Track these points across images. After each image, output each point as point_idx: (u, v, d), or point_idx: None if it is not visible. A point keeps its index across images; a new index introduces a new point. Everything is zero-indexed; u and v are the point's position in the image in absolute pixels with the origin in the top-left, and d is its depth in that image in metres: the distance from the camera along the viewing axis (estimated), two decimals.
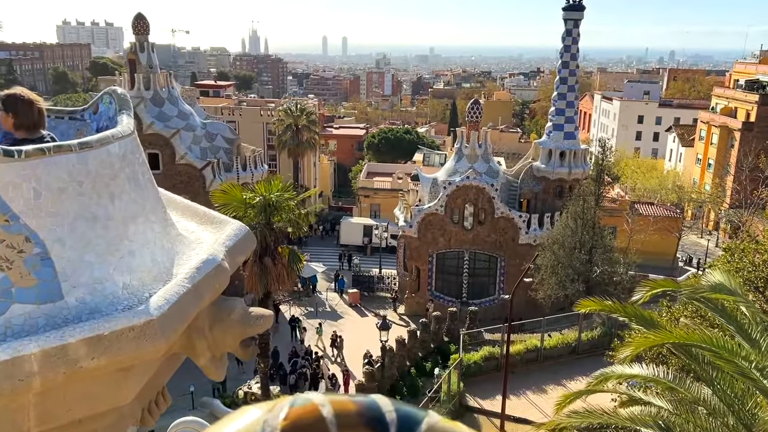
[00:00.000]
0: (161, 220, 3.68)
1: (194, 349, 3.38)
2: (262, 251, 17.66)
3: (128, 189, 3.35)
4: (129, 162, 3.45)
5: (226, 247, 3.73)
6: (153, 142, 36.97)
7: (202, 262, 3.39)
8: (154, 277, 3.30)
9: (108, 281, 3.00)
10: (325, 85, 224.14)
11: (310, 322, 36.35)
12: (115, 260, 3.10)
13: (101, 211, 3.10)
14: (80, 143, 3.02)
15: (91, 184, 3.04)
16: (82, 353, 2.56)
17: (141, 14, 38.72)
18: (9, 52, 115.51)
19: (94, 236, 3.01)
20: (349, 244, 50.45)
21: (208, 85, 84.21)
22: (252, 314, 3.48)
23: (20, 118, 3.60)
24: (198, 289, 3.22)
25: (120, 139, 3.39)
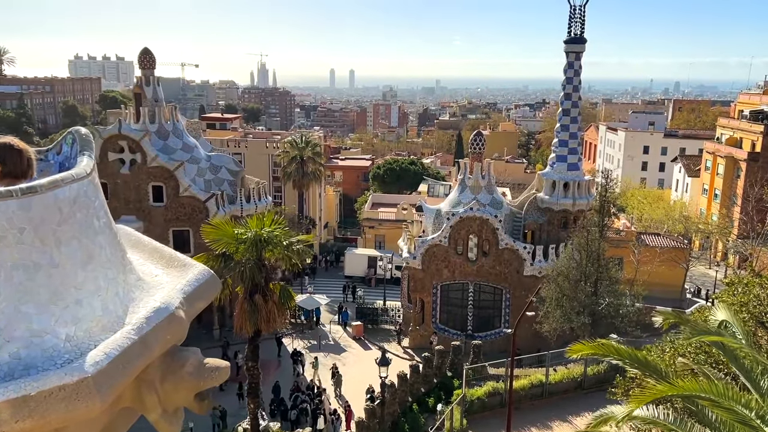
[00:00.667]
0: (117, 266, 3.53)
1: (144, 403, 3.19)
2: (253, 288, 17.38)
3: (79, 234, 3.21)
4: (82, 206, 3.31)
5: (184, 294, 3.57)
6: (157, 175, 37.21)
7: (152, 311, 3.22)
8: (103, 327, 3.14)
9: (48, 334, 2.84)
10: (333, 117, 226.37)
11: (313, 356, 35.89)
12: (58, 310, 2.94)
13: (45, 259, 2.95)
14: (23, 189, 2.89)
15: (33, 230, 2.90)
16: (5, 416, 2.38)
17: (147, 49, 39.31)
18: (21, 87, 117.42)
19: (35, 285, 2.86)
20: (354, 276, 50.15)
21: (214, 117, 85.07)
22: (207, 366, 3.30)
23: (8, 167, 3.51)
24: (146, 341, 3.05)
25: (72, 182, 3.25)
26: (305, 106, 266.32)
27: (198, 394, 3.35)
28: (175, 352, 3.32)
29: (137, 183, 37.13)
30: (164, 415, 3.25)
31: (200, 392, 3.36)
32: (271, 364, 33.85)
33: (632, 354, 7.31)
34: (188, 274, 3.87)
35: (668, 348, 12.21)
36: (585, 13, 36.99)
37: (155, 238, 14.99)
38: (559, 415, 22.14)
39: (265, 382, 31.83)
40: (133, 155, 37.02)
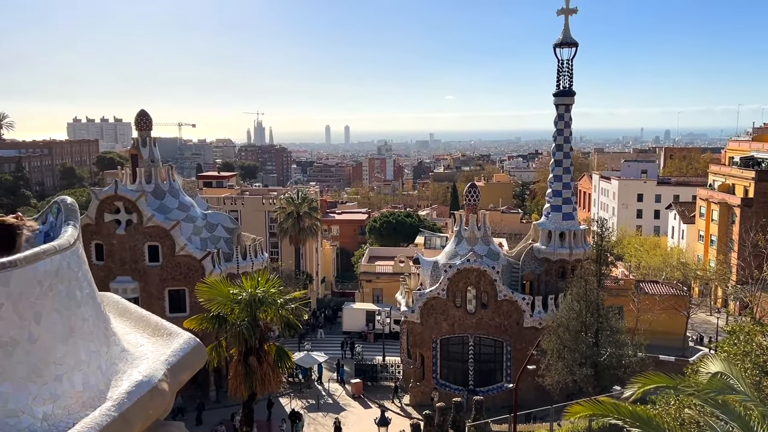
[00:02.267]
0: (100, 338, 3.45)
1: None
2: (247, 350, 17.05)
3: (60, 307, 3.15)
4: (64, 278, 3.26)
5: (168, 365, 3.48)
6: (153, 234, 37.16)
7: (134, 385, 3.14)
8: (83, 404, 3.04)
9: (25, 413, 2.75)
10: (329, 171, 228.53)
11: (312, 416, 35.04)
12: (36, 388, 2.86)
13: (23, 334, 2.89)
14: (2, 263, 2.85)
15: (11, 305, 2.85)
16: None
17: (143, 111, 39.95)
18: (19, 150, 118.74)
19: (12, 363, 2.79)
20: (352, 331, 49.51)
21: (211, 176, 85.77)
22: None
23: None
24: (126, 418, 2.95)
25: (54, 254, 3.21)
26: (301, 162, 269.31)
27: None
28: (159, 426, 3.22)
29: (133, 243, 37.03)
30: None
31: None
32: (263, 424, 32.96)
33: (633, 412, 7.11)
34: (173, 344, 3.79)
35: (673, 401, 11.93)
36: (573, 66, 37.91)
37: (151, 298, 15.49)
38: None
39: None
40: (129, 215, 37.06)
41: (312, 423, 34.15)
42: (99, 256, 37.30)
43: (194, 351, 3.79)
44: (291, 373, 39.82)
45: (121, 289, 35.08)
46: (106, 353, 3.43)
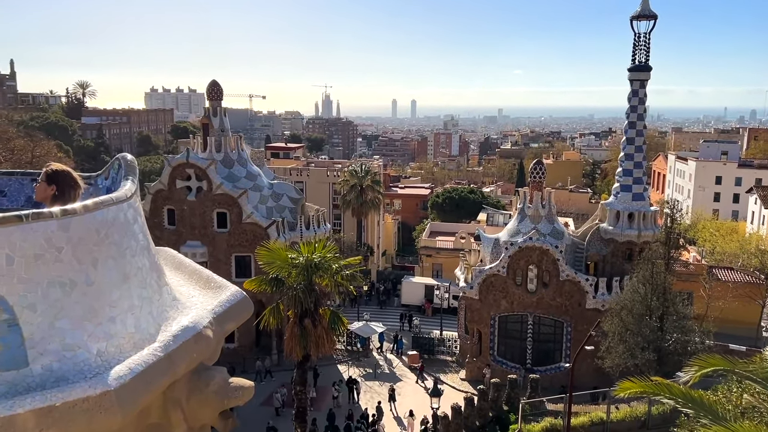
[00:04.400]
0: (152, 286, 3.67)
1: (170, 420, 3.29)
2: (303, 313, 17.57)
3: (116, 255, 3.36)
4: (120, 228, 3.48)
5: (214, 314, 3.68)
6: (221, 202, 38.45)
7: (180, 330, 3.33)
8: (134, 344, 3.26)
9: (81, 348, 2.98)
10: (394, 146, 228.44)
11: (368, 384, 35.77)
12: (91, 327, 3.08)
13: (81, 277, 3.10)
14: (62, 210, 3.07)
15: (71, 250, 3.07)
16: (30, 425, 2.51)
17: (215, 81, 41.01)
18: (100, 118, 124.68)
19: (71, 302, 3.01)
20: (411, 304, 49.90)
21: (278, 147, 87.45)
22: (231, 386, 3.37)
23: (59, 194, 3.76)
24: (171, 359, 3.15)
25: (111, 205, 3.43)
26: (367, 136, 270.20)
27: (222, 413, 3.43)
28: (202, 370, 3.42)
29: (203, 210, 38.44)
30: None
31: (224, 411, 3.44)
32: (328, 391, 33.91)
33: (686, 394, 6.89)
34: (221, 296, 3.98)
35: (735, 387, 11.49)
36: (650, 41, 36.18)
37: (218, 263, 16.11)
38: None
39: (320, 409, 31.93)
40: (200, 183, 38.42)
41: (368, 391, 34.87)
42: (171, 221, 38.96)
43: (240, 303, 3.98)
44: (349, 341, 40.72)
45: (191, 253, 36.54)
46: (158, 300, 3.65)
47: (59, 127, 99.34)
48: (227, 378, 3.41)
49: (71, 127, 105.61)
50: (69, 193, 3.68)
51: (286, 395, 31.73)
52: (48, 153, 49.89)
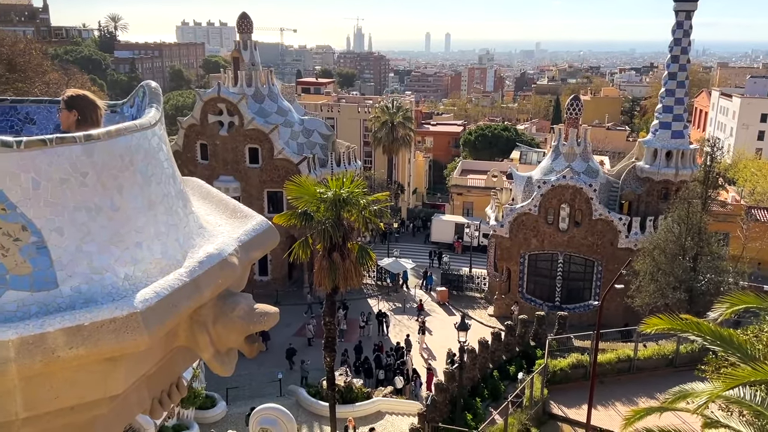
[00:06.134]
0: (178, 214, 3.69)
1: (197, 343, 3.37)
2: (331, 247, 17.81)
3: (141, 181, 3.37)
4: (146, 154, 3.47)
5: (239, 242, 3.70)
6: (253, 137, 38.56)
7: (206, 256, 3.37)
8: (161, 270, 3.31)
9: (108, 271, 3.02)
10: (426, 81, 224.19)
11: (398, 318, 36.52)
12: (118, 251, 3.12)
13: (106, 202, 3.12)
14: (85, 135, 3.06)
15: (96, 175, 3.08)
16: (60, 342, 2.58)
17: (245, 14, 40.37)
18: (132, 52, 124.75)
19: (97, 227, 3.04)
20: (440, 242, 50.16)
21: (309, 82, 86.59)
22: (257, 311, 3.42)
23: (82, 118, 3.77)
24: (197, 283, 3.19)
25: (135, 132, 3.41)
26: (399, 71, 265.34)
27: (248, 337, 3.50)
28: (228, 296, 3.47)
29: (235, 145, 38.66)
30: (216, 355, 3.41)
31: (250, 335, 3.51)
32: (357, 323, 34.76)
33: (714, 331, 6.83)
34: (247, 224, 4.00)
35: (766, 327, 11.36)
36: None
37: (251, 198, 16.26)
38: (646, 392, 21.31)
39: (350, 340, 32.86)
40: (231, 118, 38.48)
41: (397, 324, 35.65)
42: (204, 156, 39.36)
43: (266, 232, 3.99)
44: (379, 277, 41.36)
45: (224, 188, 37.04)
46: (184, 228, 3.68)
47: (93, 61, 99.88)
48: (252, 304, 3.46)
49: (104, 60, 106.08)
50: (90, 116, 3.68)
51: (316, 326, 32.67)
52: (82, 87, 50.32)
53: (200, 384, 23.15)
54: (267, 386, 27.57)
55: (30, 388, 2.68)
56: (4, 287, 2.72)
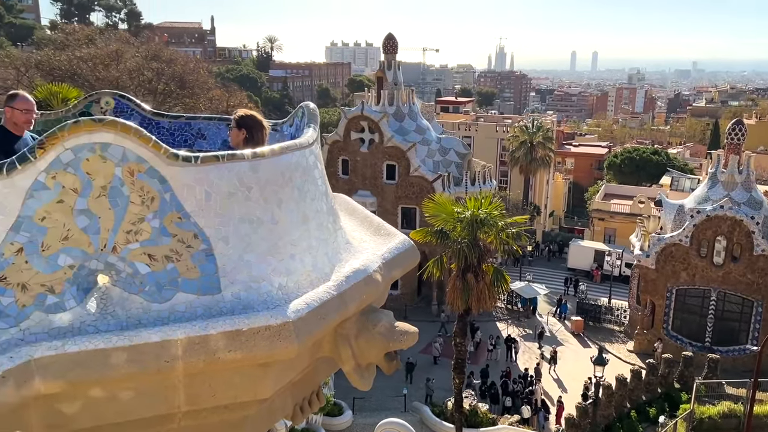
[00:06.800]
0: (328, 229, 3.86)
1: (339, 355, 3.48)
2: (466, 267, 17.65)
3: (297, 197, 3.57)
4: (302, 172, 3.68)
5: (383, 259, 3.78)
6: (391, 154, 39.55)
7: (352, 271, 3.48)
8: (311, 282, 3.47)
9: (264, 281, 3.22)
10: (569, 101, 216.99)
11: (527, 345, 35.37)
12: (274, 262, 3.32)
13: (267, 216, 3.34)
14: (253, 153, 3.30)
15: (259, 190, 3.30)
16: (221, 345, 2.78)
17: (391, 35, 41.64)
18: (285, 71, 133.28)
19: (257, 238, 3.26)
20: (578, 269, 48.00)
21: (448, 101, 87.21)
22: (397, 329, 3.47)
23: (249, 136, 4.09)
24: (343, 298, 3.31)
25: (295, 150, 3.63)
26: (541, 90, 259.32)
27: (387, 354, 3.56)
28: (370, 312, 3.56)
29: (374, 161, 39.87)
30: (357, 368, 3.50)
31: (390, 352, 3.56)
32: (484, 346, 34.14)
33: None
34: (390, 243, 4.09)
35: None
36: None
37: (386, 214, 16.58)
38: None
39: (477, 363, 32.31)
40: (372, 135, 39.76)
41: (527, 351, 34.51)
42: (345, 171, 40.97)
43: (408, 251, 4.05)
44: (510, 300, 40.37)
45: (361, 202, 38.03)
46: (333, 242, 3.84)
47: (250, 79, 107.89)
48: (393, 321, 3.52)
49: (260, 79, 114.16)
50: (257, 135, 3.95)
51: (443, 345, 32.49)
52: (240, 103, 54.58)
53: (329, 391, 23.90)
54: (392, 400, 27.84)
55: (192, 385, 2.91)
56: (176, 289, 2.98)
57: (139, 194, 2.89)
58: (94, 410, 2.76)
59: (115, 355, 2.59)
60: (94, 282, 2.85)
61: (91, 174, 2.78)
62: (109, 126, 2.77)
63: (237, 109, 4.25)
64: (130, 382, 2.72)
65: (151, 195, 2.91)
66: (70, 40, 44.67)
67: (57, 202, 2.73)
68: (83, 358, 2.54)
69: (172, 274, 2.96)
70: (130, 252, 2.88)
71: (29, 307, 2.67)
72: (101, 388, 2.69)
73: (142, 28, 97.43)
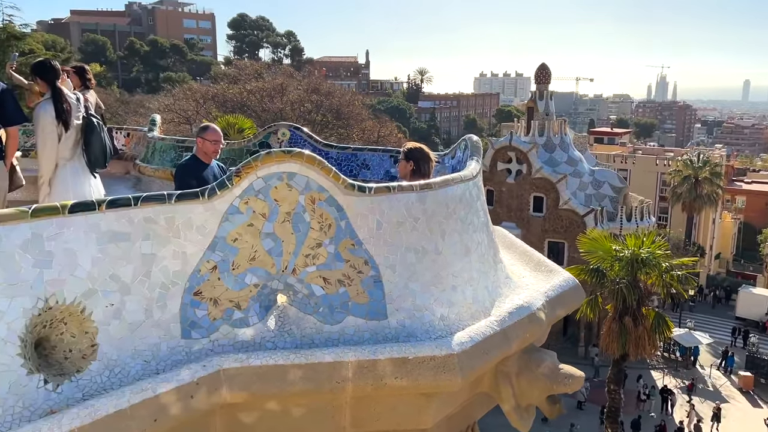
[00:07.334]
0: (489, 262, 3.84)
1: (499, 393, 3.42)
2: (623, 310, 16.44)
3: (460, 229, 3.60)
4: (465, 204, 3.71)
5: (546, 297, 3.68)
6: (539, 186, 38.50)
7: (515, 308, 3.42)
8: (471, 314, 3.47)
9: (427, 310, 3.28)
10: (741, 133, 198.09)
11: (684, 397, 32.29)
12: (437, 292, 3.37)
13: (431, 246, 3.41)
14: (421, 184, 3.39)
15: (425, 220, 3.38)
16: (388, 371, 2.86)
17: (544, 65, 40.94)
18: (433, 102, 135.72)
19: (421, 268, 3.33)
20: (748, 318, 43.17)
21: (603, 132, 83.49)
22: (562, 371, 3.34)
23: (416, 168, 4.24)
24: (506, 334, 3.26)
25: (459, 183, 3.67)
26: (707, 122, 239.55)
27: (550, 397, 3.42)
28: (533, 351, 3.46)
29: (520, 192, 39.07)
30: (516, 408, 3.41)
31: (552, 395, 3.43)
32: (636, 395, 31.68)
33: None
34: (553, 280, 3.97)
35: None
36: None
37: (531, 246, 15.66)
38: None
39: (627, 412, 30.02)
40: (520, 166, 39.06)
41: (684, 405, 31.47)
42: (489, 201, 40.55)
43: (572, 290, 3.91)
44: (667, 348, 37.18)
45: None
46: (493, 276, 3.81)
47: (399, 110, 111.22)
48: (557, 363, 3.40)
49: (409, 110, 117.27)
50: (424, 167, 4.05)
51: (590, 389, 30.63)
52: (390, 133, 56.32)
53: None
54: None
55: (358, 408, 3.01)
56: (346, 313, 3.12)
57: (319, 221, 3.07)
58: (269, 422, 2.94)
59: (293, 372, 2.75)
60: (274, 301, 3.06)
61: (278, 201, 3.02)
62: (296, 157, 2.99)
63: (407, 141, 4.39)
64: (303, 399, 2.88)
65: (329, 222, 3.09)
66: (242, 75, 49.11)
67: (247, 225, 2.99)
68: (264, 372, 2.73)
69: (343, 297, 3.10)
70: (307, 274, 3.07)
71: (219, 320, 2.93)
72: (277, 402, 2.87)
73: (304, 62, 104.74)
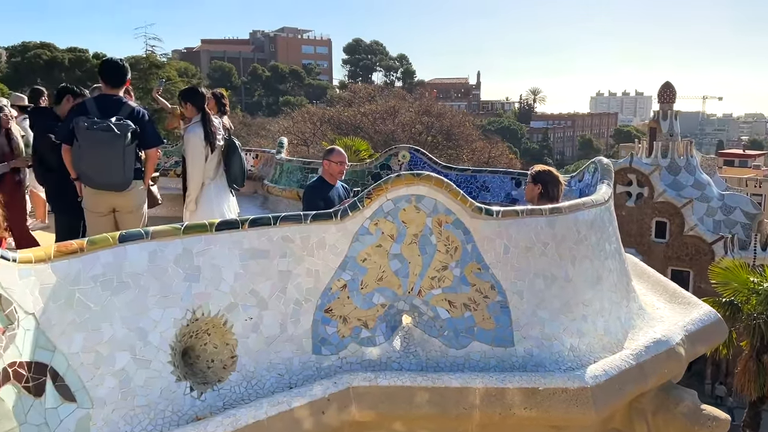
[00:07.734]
0: (622, 292, 3.65)
1: (633, 430, 3.22)
2: (761, 348, 14.90)
3: (591, 255, 3.46)
4: (597, 229, 3.56)
5: (685, 332, 3.44)
6: (662, 210, 36.30)
7: (652, 342, 3.22)
8: (603, 346, 3.31)
9: (556, 339, 3.16)
10: None
11: None
12: (566, 321, 3.24)
13: (561, 273, 3.29)
14: (550, 208, 3.30)
15: (555, 246, 3.28)
16: (516, 401, 2.77)
17: (669, 83, 38.79)
18: (547, 122, 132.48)
19: (550, 295, 3.23)
20: None
21: (733, 154, 77.55)
22: (703, 412, 3.09)
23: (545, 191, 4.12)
24: (643, 369, 3.08)
25: (591, 207, 3.54)
26: None
27: None
28: (671, 388, 3.23)
29: (641, 217, 37.03)
30: None
31: None
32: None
33: None
34: (692, 313, 3.71)
35: None
36: None
37: None
38: None
39: None
40: (641, 189, 37.08)
41: None
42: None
43: (714, 325, 3.63)
44: None
45: None
46: (626, 307, 3.61)
47: (510, 131, 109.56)
48: (699, 403, 3.15)
49: (520, 130, 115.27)
50: (552, 191, 3.94)
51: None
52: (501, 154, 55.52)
53: None
54: None
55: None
56: (471, 338, 3.07)
57: (445, 243, 3.07)
58: None
59: (419, 395, 2.74)
60: (400, 321, 3.08)
61: (406, 222, 3.05)
62: (425, 180, 3.01)
63: (535, 165, 4.30)
64: (428, 423, 2.86)
65: (455, 245, 3.08)
66: (356, 98, 50.59)
67: (376, 246, 3.04)
68: (392, 393, 2.74)
69: (469, 322, 3.06)
70: (433, 297, 3.06)
71: (347, 338, 2.99)
72: (403, 423, 2.87)
73: (416, 85, 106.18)
